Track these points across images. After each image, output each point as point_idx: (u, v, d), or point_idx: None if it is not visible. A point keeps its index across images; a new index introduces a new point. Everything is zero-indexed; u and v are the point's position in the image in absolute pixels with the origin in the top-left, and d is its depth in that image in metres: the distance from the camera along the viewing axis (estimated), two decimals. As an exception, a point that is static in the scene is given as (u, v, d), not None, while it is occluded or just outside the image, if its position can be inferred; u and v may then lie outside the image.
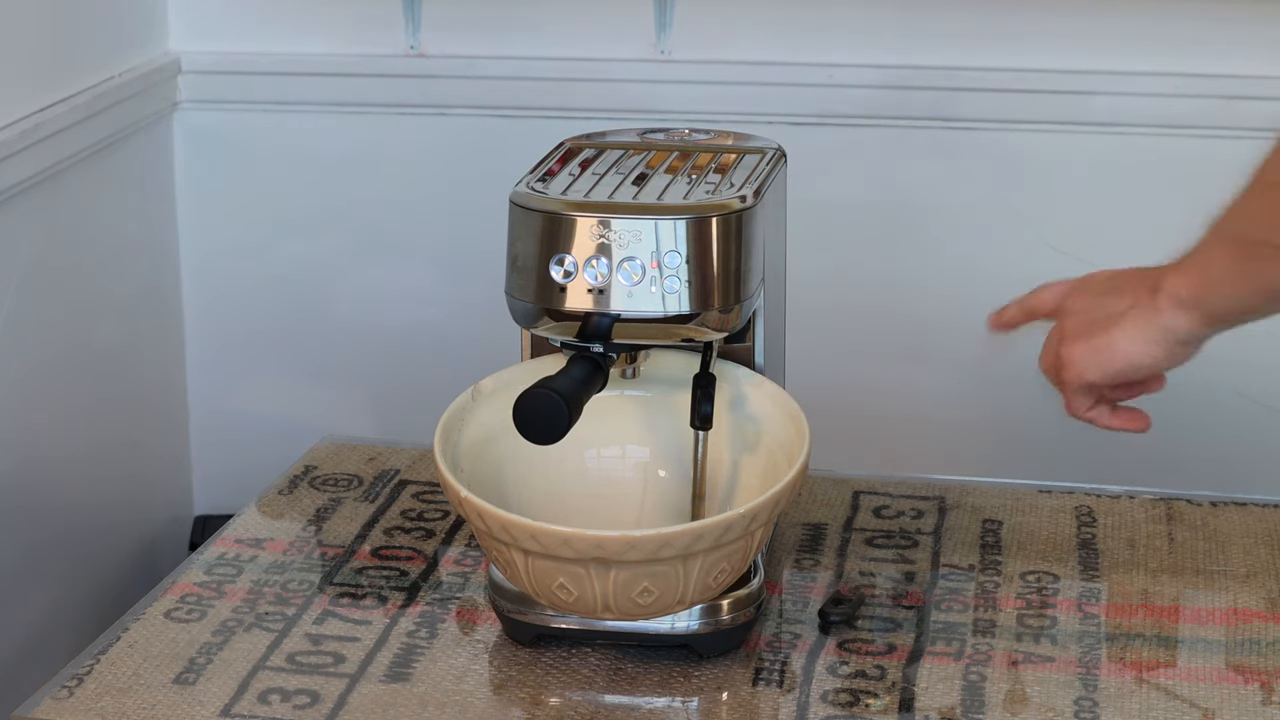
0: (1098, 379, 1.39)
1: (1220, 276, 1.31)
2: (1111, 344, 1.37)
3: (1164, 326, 1.35)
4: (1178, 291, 1.34)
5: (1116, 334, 1.37)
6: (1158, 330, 1.35)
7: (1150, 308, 1.35)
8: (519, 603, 1.48)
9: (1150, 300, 1.35)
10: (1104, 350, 1.37)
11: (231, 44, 2.42)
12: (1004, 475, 1.86)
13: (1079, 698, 1.41)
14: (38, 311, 2.14)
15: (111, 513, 2.35)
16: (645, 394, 1.55)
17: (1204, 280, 1.32)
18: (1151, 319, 1.35)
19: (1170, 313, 1.35)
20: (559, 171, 1.52)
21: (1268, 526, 1.69)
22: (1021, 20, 2.25)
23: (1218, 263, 1.31)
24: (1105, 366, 1.38)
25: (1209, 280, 1.32)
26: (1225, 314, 1.33)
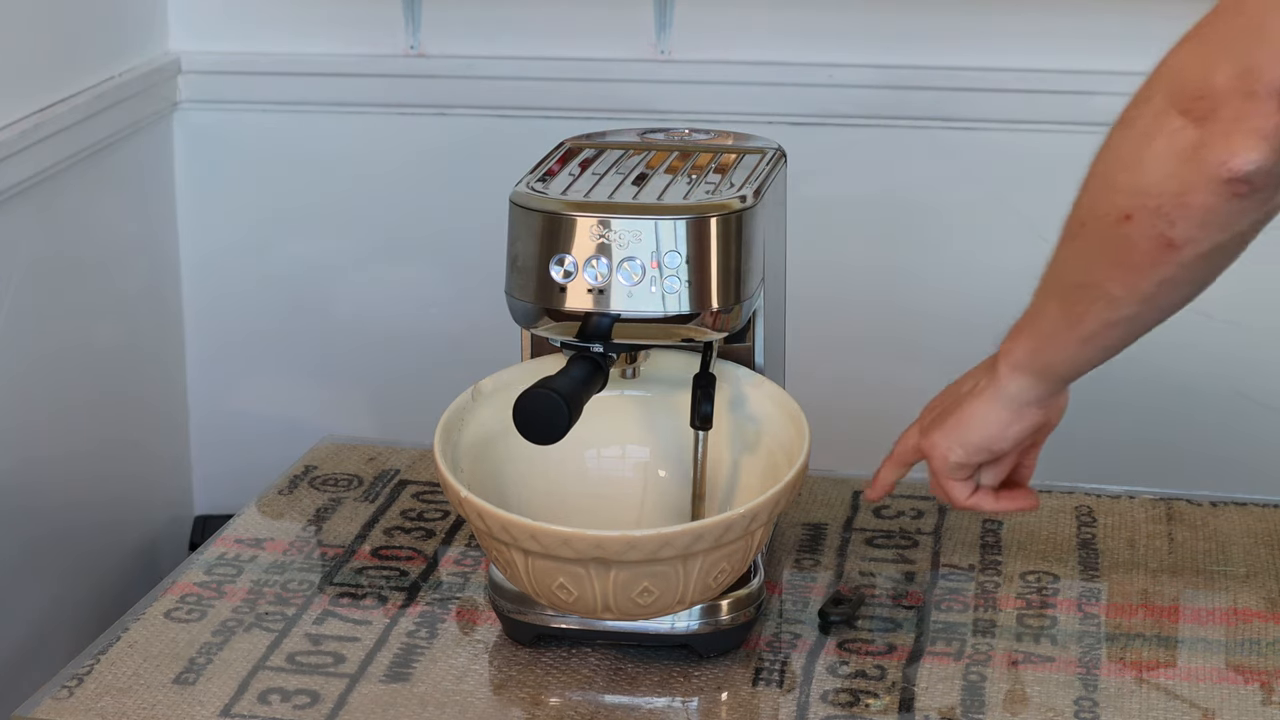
0: (961, 456, 1.41)
1: (1050, 330, 1.34)
2: (963, 419, 1.40)
3: (1006, 393, 1.38)
4: (1013, 356, 1.37)
5: (967, 409, 1.40)
6: (1002, 398, 1.39)
7: (992, 379, 1.39)
8: (519, 603, 1.48)
9: (991, 373, 1.39)
10: (958, 426, 1.41)
11: (231, 44, 2.42)
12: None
13: (1079, 698, 1.41)
14: (38, 311, 2.14)
15: (111, 512, 2.35)
16: (645, 394, 1.55)
17: (1036, 338, 1.35)
18: (995, 389, 1.38)
19: (1009, 378, 1.38)
20: (559, 171, 1.52)
21: (1268, 526, 1.69)
22: (1021, 20, 2.25)
23: (1046, 317, 1.34)
24: (963, 440, 1.41)
25: (1040, 337, 1.35)
26: (1061, 367, 1.36)
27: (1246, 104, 1.16)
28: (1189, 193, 1.19)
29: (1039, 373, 1.36)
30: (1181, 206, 1.20)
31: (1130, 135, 1.23)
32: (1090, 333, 1.31)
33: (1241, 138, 1.16)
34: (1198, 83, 1.18)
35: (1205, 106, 1.17)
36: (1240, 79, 1.16)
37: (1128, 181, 1.22)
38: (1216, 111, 1.17)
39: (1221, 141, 1.17)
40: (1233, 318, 2.26)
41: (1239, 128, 1.16)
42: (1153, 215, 1.21)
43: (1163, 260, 1.23)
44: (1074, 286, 1.30)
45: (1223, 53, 1.18)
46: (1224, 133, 1.17)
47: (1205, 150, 1.18)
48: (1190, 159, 1.19)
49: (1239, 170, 1.17)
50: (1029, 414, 1.39)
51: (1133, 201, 1.22)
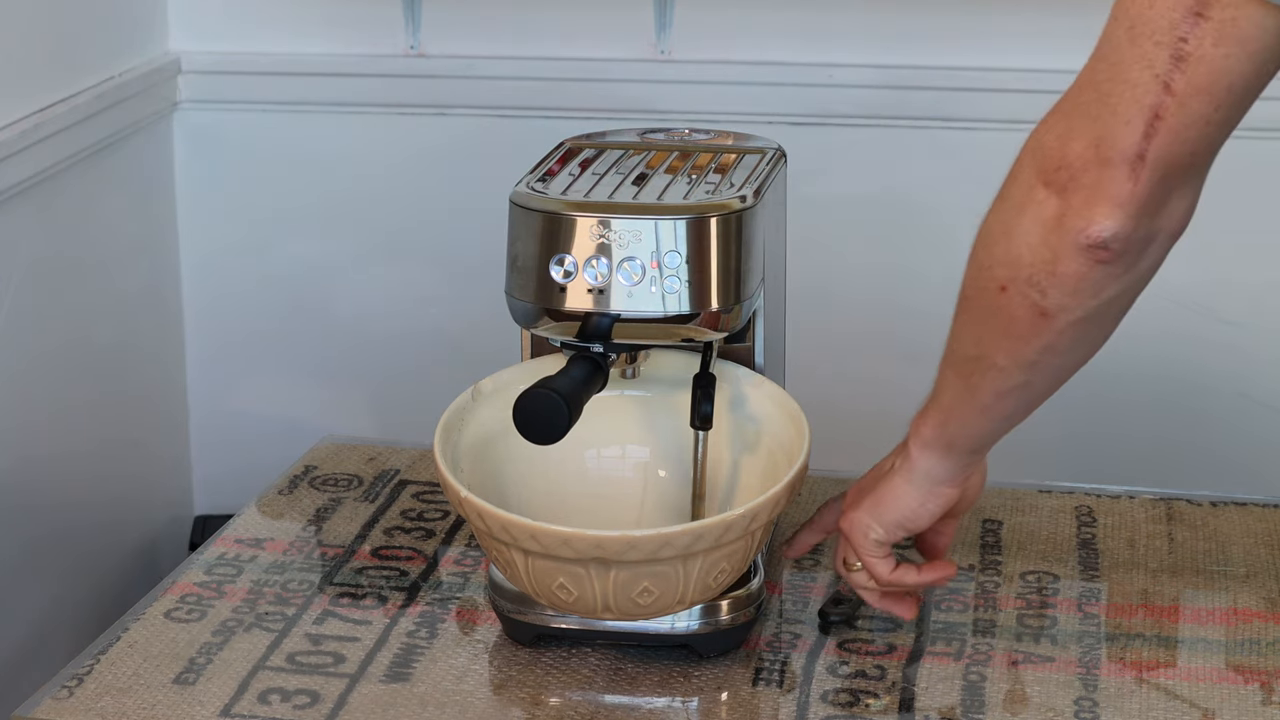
0: (880, 535, 1.42)
1: (950, 404, 1.37)
2: (880, 498, 1.42)
3: (918, 472, 1.40)
4: (921, 434, 1.39)
5: (883, 489, 1.42)
6: (915, 477, 1.41)
7: (905, 458, 1.41)
8: (519, 603, 1.48)
9: (905, 452, 1.41)
10: (876, 505, 1.42)
11: (231, 44, 2.42)
12: (1004, 475, 1.85)
13: (1079, 698, 1.41)
14: (38, 311, 2.14)
15: (111, 512, 2.35)
16: (645, 394, 1.55)
17: (940, 412, 1.38)
18: (908, 468, 1.41)
19: (920, 456, 1.40)
20: (559, 171, 1.52)
21: (1268, 526, 1.69)
22: (1021, 20, 2.25)
23: (947, 391, 1.37)
24: (882, 518, 1.42)
25: (943, 411, 1.37)
26: (964, 440, 1.38)
27: (1101, 172, 1.20)
28: (1056, 261, 1.23)
29: (946, 448, 1.39)
30: (1051, 275, 1.23)
31: (1004, 208, 1.26)
32: (986, 403, 1.34)
33: (1098, 205, 1.20)
34: (1057, 154, 1.22)
35: (1064, 176, 1.21)
36: (1094, 148, 1.20)
37: (1002, 253, 1.26)
38: (1074, 180, 1.21)
39: (1080, 210, 1.21)
40: (1234, 318, 2.26)
41: (1095, 195, 1.20)
42: (1025, 285, 1.25)
43: (1040, 329, 1.26)
44: (967, 359, 1.33)
45: (1077, 124, 1.22)
46: (1082, 201, 1.21)
47: (1066, 219, 1.21)
48: (1054, 228, 1.22)
49: (1097, 237, 1.20)
50: (942, 493, 1.41)
51: (1007, 272, 1.25)
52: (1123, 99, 1.19)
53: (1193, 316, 2.27)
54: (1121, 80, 1.20)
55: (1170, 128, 1.18)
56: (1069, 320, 1.25)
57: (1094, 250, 1.21)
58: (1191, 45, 1.16)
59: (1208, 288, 2.24)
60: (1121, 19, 1.20)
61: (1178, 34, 1.16)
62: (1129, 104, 1.19)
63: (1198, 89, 1.17)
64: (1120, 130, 1.19)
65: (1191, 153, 1.19)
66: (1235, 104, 1.18)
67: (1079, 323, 1.26)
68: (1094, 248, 1.21)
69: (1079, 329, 1.26)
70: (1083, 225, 1.21)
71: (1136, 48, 1.19)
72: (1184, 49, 1.17)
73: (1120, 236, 1.21)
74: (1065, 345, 1.28)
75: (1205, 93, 1.17)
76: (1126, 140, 1.19)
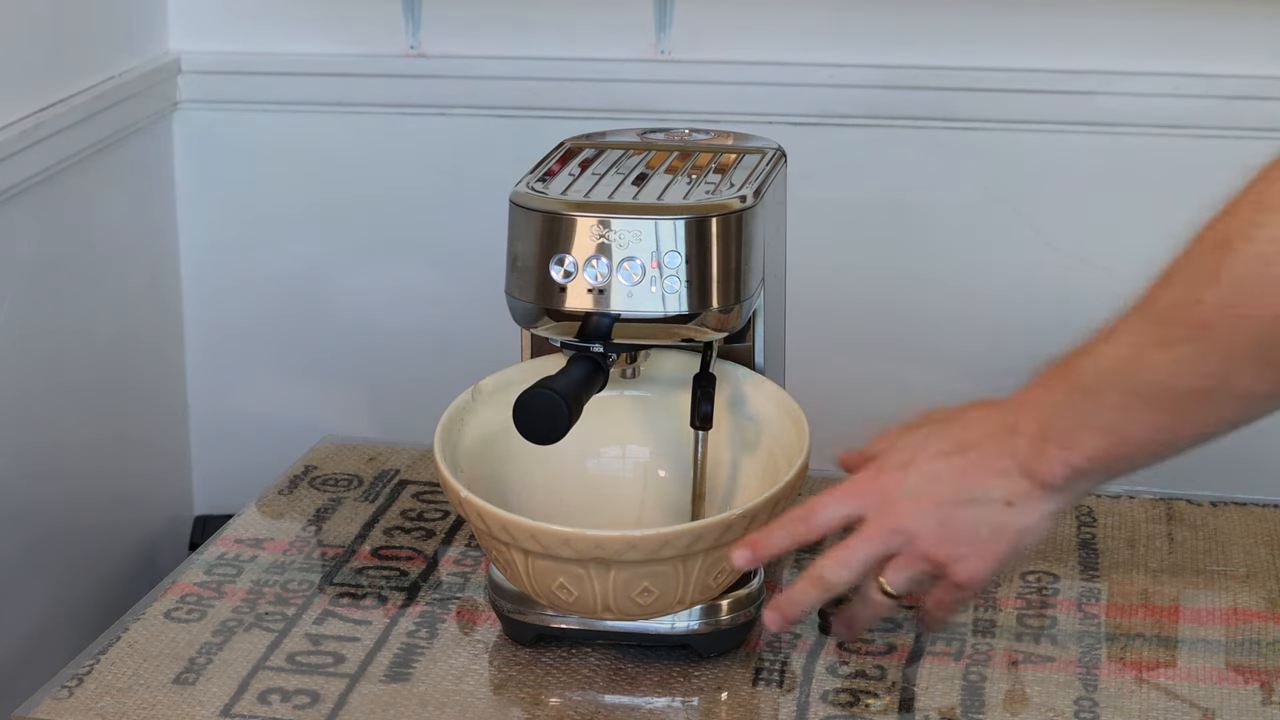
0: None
1: (1132, 433, 1.18)
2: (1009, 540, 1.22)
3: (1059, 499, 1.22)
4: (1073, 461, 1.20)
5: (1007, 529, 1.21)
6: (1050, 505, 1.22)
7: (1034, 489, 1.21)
8: (519, 603, 1.48)
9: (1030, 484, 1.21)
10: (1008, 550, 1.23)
11: (231, 44, 2.42)
12: (1004, 475, 1.85)
13: (1079, 698, 1.41)
14: (38, 311, 2.14)
15: (111, 512, 2.35)
16: (645, 394, 1.55)
17: (1109, 438, 1.18)
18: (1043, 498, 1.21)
19: (1069, 481, 1.21)
20: (559, 171, 1.52)
21: (1268, 526, 1.69)
22: (1021, 20, 2.25)
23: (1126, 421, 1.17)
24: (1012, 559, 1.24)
25: (1116, 437, 1.18)
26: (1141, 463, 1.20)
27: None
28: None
29: (1105, 474, 1.20)
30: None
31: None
32: (1185, 438, 1.16)
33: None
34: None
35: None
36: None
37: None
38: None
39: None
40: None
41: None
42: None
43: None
44: (1186, 391, 1.13)
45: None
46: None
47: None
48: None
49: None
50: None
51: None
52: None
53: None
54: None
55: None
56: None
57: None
58: None
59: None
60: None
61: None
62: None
63: None
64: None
65: None
66: None
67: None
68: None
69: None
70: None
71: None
72: None
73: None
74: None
75: None
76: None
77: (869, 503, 1.24)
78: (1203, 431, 1.16)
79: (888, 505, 1.23)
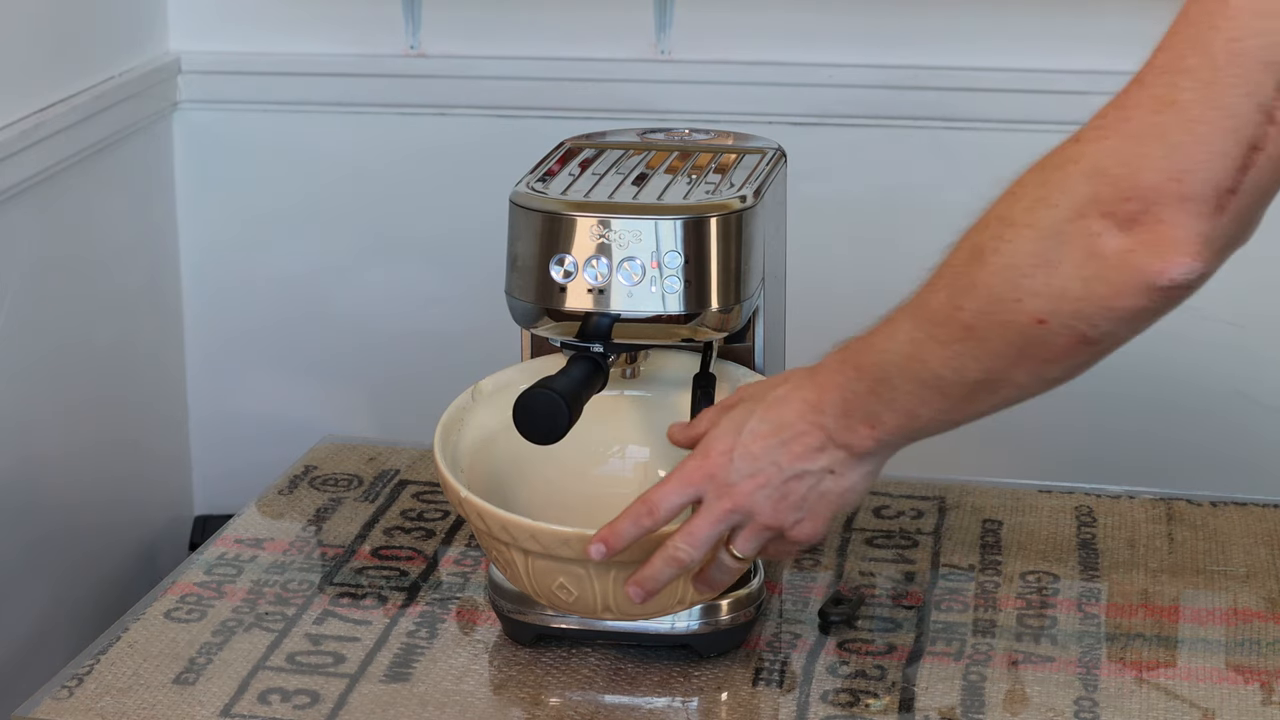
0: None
1: (923, 414, 1.27)
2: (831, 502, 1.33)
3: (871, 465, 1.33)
4: (877, 436, 1.30)
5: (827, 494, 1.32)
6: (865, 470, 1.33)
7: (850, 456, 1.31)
8: (519, 603, 1.48)
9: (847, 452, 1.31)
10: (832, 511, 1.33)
11: (231, 44, 2.42)
12: (1004, 475, 1.86)
13: (1079, 698, 1.41)
14: (38, 311, 2.14)
15: (111, 512, 2.35)
16: (645, 394, 1.55)
17: (904, 419, 1.28)
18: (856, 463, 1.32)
19: (879, 451, 1.31)
20: (559, 171, 1.52)
21: (1268, 526, 1.69)
22: (1021, 20, 2.25)
23: (927, 406, 1.26)
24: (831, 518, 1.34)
25: (910, 418, 1.27)
26: (923, 436, 1.30)
27: (1181, 207, 1.08)
28: (1116, 297, 1.12)
29: (912, 438, 1.30)
30: (1107, 310, 1.13)
31: (1032, 236, 1.15)
32: (980, 412, 1.26)
33: (1178, 245, 1.09)
34: (1125, 184, 1.09)
35: (1133, 209, 1.10)
36: (1174, 181, 1.07)
37: (1040, 286, 1.15)
38: (1148, 214, 1.09)
39: (1154, 247, 1.10)
40: (1233, 318, 2.26)
41: (1173, 234, 1.09)
42: (1071, 318, 1.15)
43: (1079, 354, 1.18)
44: (964, 383, 1.23)
45: (1152, 151, 1.08)
46: (1156, 239, 1.09)
47: (1135, 256, 1.11)
48: (1118, 265, 1.11)
49: (1177, 279, 1.10)
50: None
51: (1048, 306, 1.15)
52: (1215, 127, 1.06)
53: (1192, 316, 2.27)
54: (1214, 104, 1.06)
55: (1271, 157, 1.06)
56: (1114, 343, 1.17)
57: (1169, 290, 1.11)
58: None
59: (1207, 287, 2.24)
60: (1221, 28, 1.05)
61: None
62: (1222, 134, 1.06)
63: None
64: (1209, 163, 1.06)
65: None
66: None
67: (1122, 341, 1.17)
68: (1171, 288, 1.10)
69: (1119, 345, 1.18)
70: (1159, 266, 1.10)
71: (1238, 66, 1.05)
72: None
73: (1201, 275, 1.10)
74: (1098, 360, 1.19)
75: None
76: (1217, 175, 1.06)
77: (703, 488, 1.32)
78: (988, 410, 1.26)
79: (722, 489, 1.31)
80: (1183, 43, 1.09)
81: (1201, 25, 1.07)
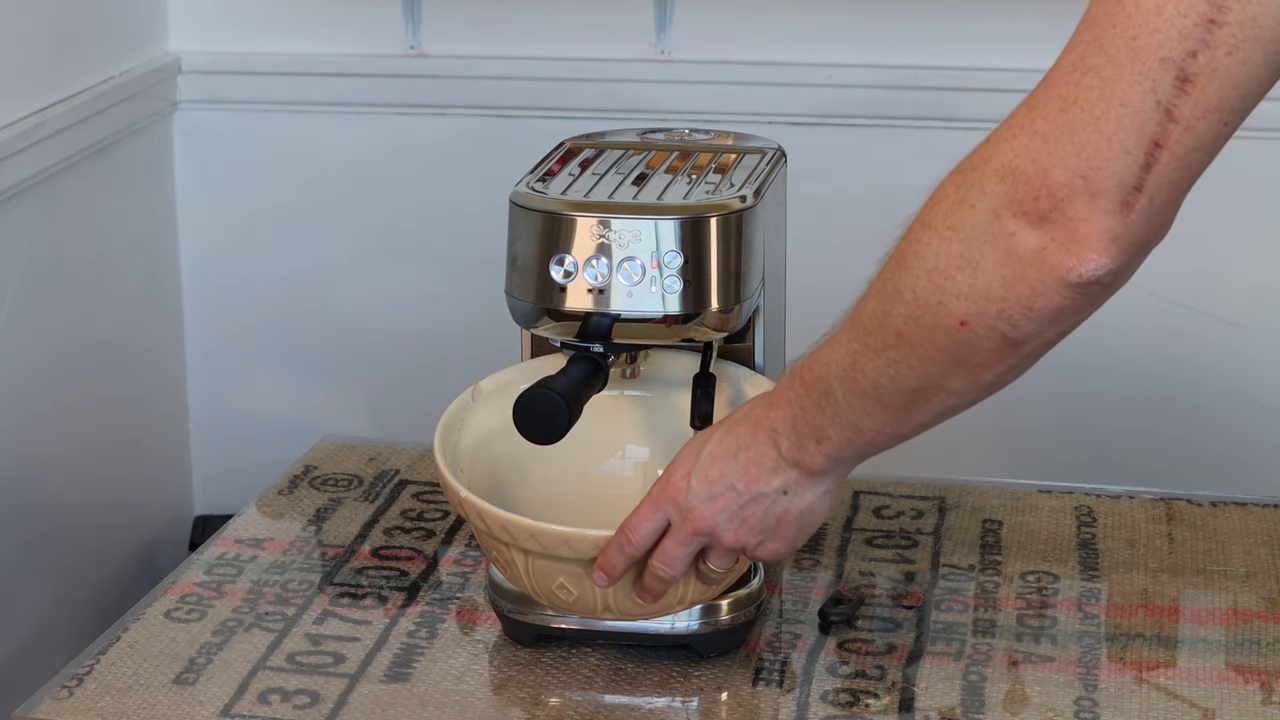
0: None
1: (868, 426, 1.27)
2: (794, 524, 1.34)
3: (828, 483, 1.33)
4: (824, 456, 1.30)
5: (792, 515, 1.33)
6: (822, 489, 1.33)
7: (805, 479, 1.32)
8: (519, 603, 1.48)
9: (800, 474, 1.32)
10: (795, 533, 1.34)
11: (231, 44, 2.42)
12: (1004, 475, 1.86)
13: (1079, 698, 1.41)
14: (38, 311, 2.14)
15: (111, 512, 2.35)
16: (645, 394, 1.55)
17: (849, 432, 1.28)
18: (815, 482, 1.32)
19: (834, 472, 1.32)
20: (559, 171, 1.52)
21: (1268, 526, 1.69)
22: (1021, 20, 2.25)
23: (869, 418, 1.27)
24: (797, 540, 1.35)
25: (854, 431, 1.27)
26: (879, 449, 1.30)
27: (1091, 204, 1.08)
28: (1035, 296, 1.12)
29: (855, 460, 1.31)
30: (1027, 310, 1.13)
31: (954, 239, 1.15)
32: (922, 423, 1.25)
33: (1089, 241, 1.09)
34: (1035, 182, 1.10)
35: (1044, 207, 1.10)
36: (1082, 178, 1.08)
37: (962, 288, 1.15)
38: (1058, 212, 1.09)
39: (1067, 245, 1.10)
40: (1232, 318, 2.26)
41: (1085, 231, 1.09)
42: (994, 319, 1.15)
43: (1006, 355, 1.17)
44: (900, 390, 1.22)
45: (1060, 149, 1.09)
46: (1069, 236, 1.10)
47: (1049, 254, 1.11)
48: (1034, 264, 1.12)
49: (1090, 275, 1.10)
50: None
51: (970, 307, 1.15)
52: (1119, 124, 1.07)
53: (1191, 316, 2.27)
54: (1117, 101, 1.07)
55: (1174, 154, 1.07)
56: (1040, 344, 1.17)
57: (1083, 286, 1.11)
58: (1201, 61, 1.04)
59: (1206, 287, 2.24)
60: (1120, 26, 1.07)
61: (1186, 47, 1.04)
62: (1125, 131, 1.07)
63: (1206, 110, 1.06)
64: (1115, 160, 1.07)
65: (1194, 174, 1.09)
66: (1246, 109, 1.07)
67: (1050, 343, 1.17)
68: (1084, 284, 1.11)
69: (1048, 347, 1.18)
70: (1071, 263, 1.10)
71: (1137, 63, 1.06)
72: (1191, 69, 1.04)
73: (1114, 271, 1.10)
74: (1030, 363, 1.19)
75: (1215, 112, 1.06)
76: (1122, 171, 1.07)
77: (670, 513, 1.34)
78: (929, 421, 1.26)
79: (684, 513, 1.33)
80: (1086, 42, 1.11)
81: (1103, 24, 1.08)
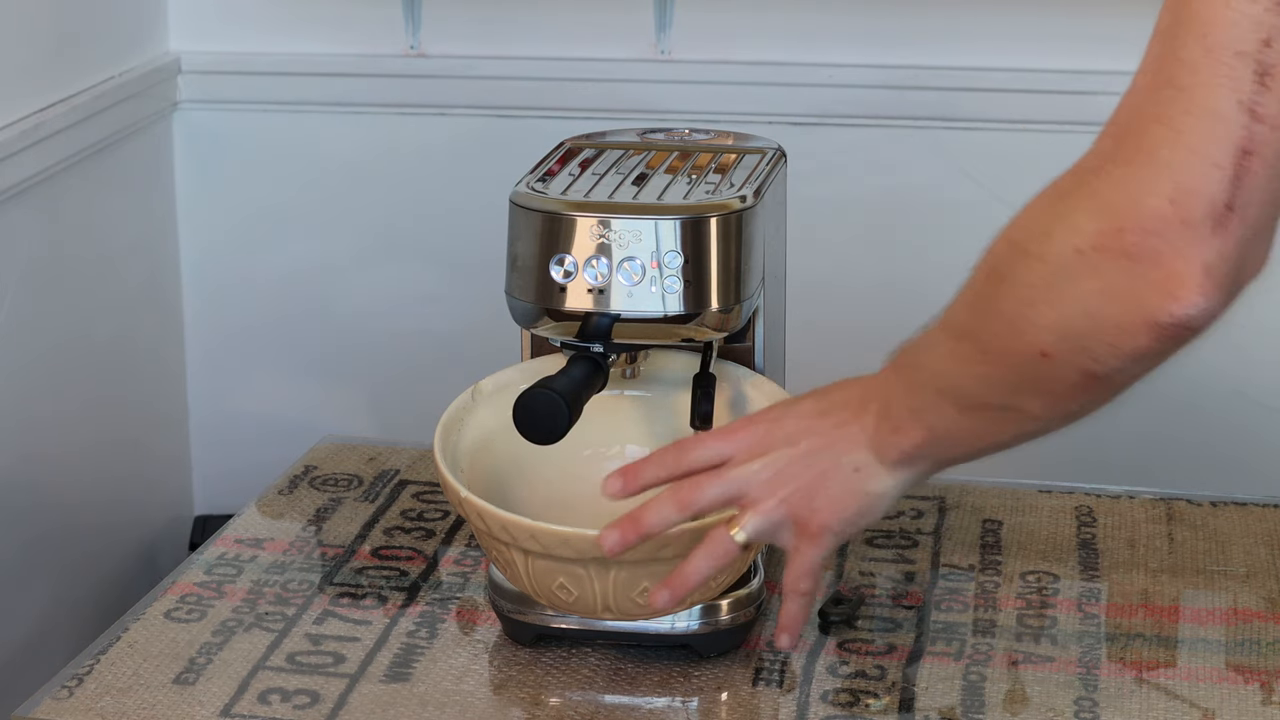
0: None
1: (951, 432, 1.23)
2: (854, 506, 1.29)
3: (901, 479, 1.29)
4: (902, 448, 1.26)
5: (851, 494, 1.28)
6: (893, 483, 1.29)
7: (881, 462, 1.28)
8: (519, 603, 1.48)
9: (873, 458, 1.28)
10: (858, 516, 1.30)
11: (231, 44, 2.42)
12: (1004, 475, 1.85)
13: (1079, 698, 1.41)
14: (38, 311, 2.14)
15: (111, 512, 2.35)
16: (645, 394, 1.55)
17: (927, 433, 1.24)
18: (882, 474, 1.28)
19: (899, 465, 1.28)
20: (559, 171, 1.52)
21: (1268, 526, 1.69)
22: (1021, 20, 2.25)
23: (944, 418, 1.23)
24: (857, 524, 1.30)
25: (932, 433, 1.24)
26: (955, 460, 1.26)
27: (1183, 234, 1.01)
28: (1122, 335, 1.07)
29: (935, 461, 1.27)
30: (1113, 348, 1.08)
31: (1042, 271, 1.09)
32: (1001, 441, 1.21)
33: (1183, 279, 1.03)
34: (1127, 214, 1.03)
35: (1131, 242, 1.03)
36: (1171, 204, 1.01)
37: (1048, 321, 1.10)
38: (1148, 246, 1.03)
39: (1160, 285, 1.04)
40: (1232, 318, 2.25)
41: (1177, 267, 1.02)
42: (1077, 354, 1.09)
43: (1090, 389, 1.12)
44: (985, 405, 1.19)
45: (1149, 174, 1.02)
46: (1163, 276, 1.03)
47: (1141, 294, 1.04)
48: (1123, 303, 1.05)
49: (1182, 316, 1.04)
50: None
51: (1053, 340, 1.10)
52: (1203, 135, 0.99)
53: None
54: (1196, 110, 0.99)
55: (1264, 160, 0.99)
56: (1126, 379, 1.11)
57: (1175, 329, 1.04)
58: (1277, 49, 0.96)
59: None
60: (1191, 26, 0.99)
61: (1260, 36, 0.95)
62: (1210, 141, 0.99)
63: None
64: (1203, 176, 0.99)
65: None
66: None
67: (1136, 378, 1.11)
68: (1176, 326, 1.04)
69: (1135, 380, 1.12)
70: (1163, 303, 1.03)
71: (1213, 63, 0.98)
72: (1269, 59, 0.96)
73: (1208, 312, 1.04)
74: (1115, 395, 1.13)
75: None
76: (1212, 189, 0.99)
77: (739, 447, 1.30)
78: (1007, 440, 1.22)
79: (757, 445, 1.29)
80: (1157, 54, 1.03)
81: (1174, 31, 1.02)
